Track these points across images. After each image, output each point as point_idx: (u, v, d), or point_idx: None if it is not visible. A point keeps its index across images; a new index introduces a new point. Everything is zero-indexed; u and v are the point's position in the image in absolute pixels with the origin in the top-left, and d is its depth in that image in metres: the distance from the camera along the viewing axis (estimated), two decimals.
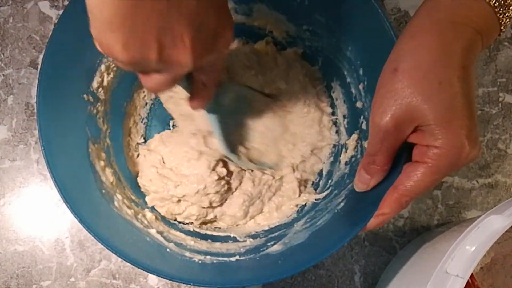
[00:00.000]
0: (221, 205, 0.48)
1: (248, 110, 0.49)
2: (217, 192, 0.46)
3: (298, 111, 0.50)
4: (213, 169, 0.46)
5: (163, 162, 0.48)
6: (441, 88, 0.30)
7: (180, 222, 0.48)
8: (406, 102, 0.30)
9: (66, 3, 0.55)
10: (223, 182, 0.47)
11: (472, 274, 0.38)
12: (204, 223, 0.49)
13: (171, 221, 0.48)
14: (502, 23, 0.32)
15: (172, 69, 0.28)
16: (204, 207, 0.47)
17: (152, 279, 0.51)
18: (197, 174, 0.46)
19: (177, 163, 0.47)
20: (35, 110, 0.38)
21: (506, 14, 0.31)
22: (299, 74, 0.50)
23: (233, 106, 0.47)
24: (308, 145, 0.50)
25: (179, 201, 0.47)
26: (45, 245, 0.51)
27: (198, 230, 0.48)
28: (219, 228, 0.49)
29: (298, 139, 0.50)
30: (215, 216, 0.48)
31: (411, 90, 0.30)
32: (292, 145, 0.50)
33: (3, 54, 0.55)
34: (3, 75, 0.54)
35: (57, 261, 0.51)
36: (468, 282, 0.35)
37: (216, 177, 0.46)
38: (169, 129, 0.52)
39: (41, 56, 0.54)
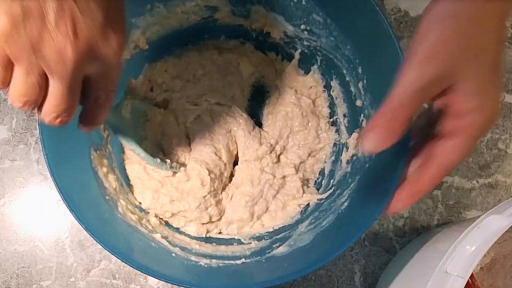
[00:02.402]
0: (219, 219, 0.48)
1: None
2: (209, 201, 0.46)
3: (298, 124, 0.50)
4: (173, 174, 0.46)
5: (146, 173, 0.47)
6: (479, 53, 0.28)
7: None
8: (449, 57, 0.28)
9: None
10: (208, 192, 0.46)
11: (472, 274, 0.38)
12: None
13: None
14: None
15: (49, 61, 0.23)
16: (203, 223, 0.47)
17: (152, 279, 0.51)
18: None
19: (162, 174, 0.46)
20: (37, 119, 0.38)
21: None
22: (291, 97, 0.50)
23: (134, 119, 0.45)
24: (304, 148, 0.50)
25: (172, 215, 0.47)
26: (45, 245, 0.51)
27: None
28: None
29: (294, 144, 0.51)
30: (220, 230, 0.48)
31: (452, 47, 0.28)
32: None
33: None
34: None
35: (57, 261, 0.51)
36: (468, 282, 0.35)
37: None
38: None
39: None
